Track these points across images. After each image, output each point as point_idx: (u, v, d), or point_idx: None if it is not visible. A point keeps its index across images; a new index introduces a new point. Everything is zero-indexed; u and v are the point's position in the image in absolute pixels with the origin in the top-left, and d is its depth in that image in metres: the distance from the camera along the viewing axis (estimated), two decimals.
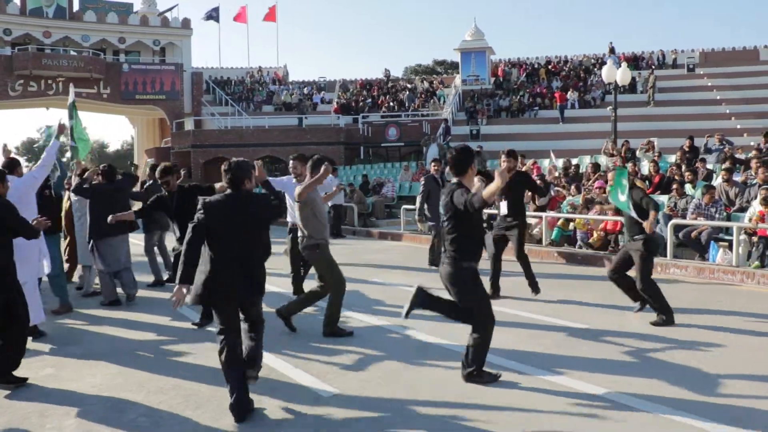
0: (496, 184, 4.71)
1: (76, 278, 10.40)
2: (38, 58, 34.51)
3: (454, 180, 5.32)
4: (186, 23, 39.75)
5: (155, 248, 10.79)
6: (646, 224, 6.90)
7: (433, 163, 12.07)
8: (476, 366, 5.18)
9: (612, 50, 36.56)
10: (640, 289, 7.14)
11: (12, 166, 7.35)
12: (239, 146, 31.94)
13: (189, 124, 36.81)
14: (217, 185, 7.50)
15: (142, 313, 8.28)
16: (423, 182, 11.58)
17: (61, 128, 8.35)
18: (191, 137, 33.73)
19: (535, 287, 8.55)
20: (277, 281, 9.74)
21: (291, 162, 7.84)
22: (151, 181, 11.19)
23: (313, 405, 4.83)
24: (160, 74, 37.45)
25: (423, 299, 5.30)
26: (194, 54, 60.50)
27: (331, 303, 6.85)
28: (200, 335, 7.07)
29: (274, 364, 5.89)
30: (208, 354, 6.25)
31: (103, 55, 37.13)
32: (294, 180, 7.83)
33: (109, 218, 7.68)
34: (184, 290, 4.47)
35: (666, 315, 6.99)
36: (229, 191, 4.77)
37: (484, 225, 7.42)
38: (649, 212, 6.97)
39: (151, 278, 10.42)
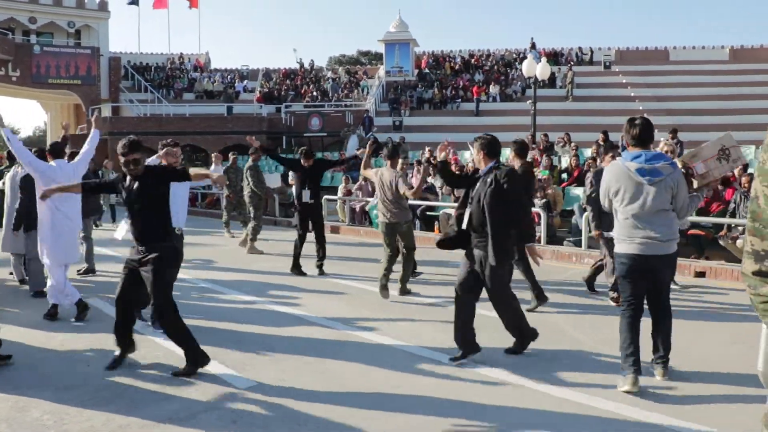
0: None
1: None
2: None
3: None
4: (103, 5, 38.39)
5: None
6: None
7: (609, 155, 7.51)
8: None
9: (533, 45, 37.36)
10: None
11: None
12: (159, 134, 30.97)
13: (106, 111, 35.54)
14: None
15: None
16: (590, 179, 7.82)
17: None
18: (108, 124, 32.60)
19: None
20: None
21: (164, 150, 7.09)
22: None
23: (230, 396, 4.76)
24: (75, 57, 36.03)
25: None
26: (112, 38, 58.53)
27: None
28: (110, 330, 6.83)
29: None
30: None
31: (11, 34, 35.41)
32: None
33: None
34: None
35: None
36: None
37: None
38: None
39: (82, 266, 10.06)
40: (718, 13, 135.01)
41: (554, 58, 37.16)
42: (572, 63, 37.04)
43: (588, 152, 17.25)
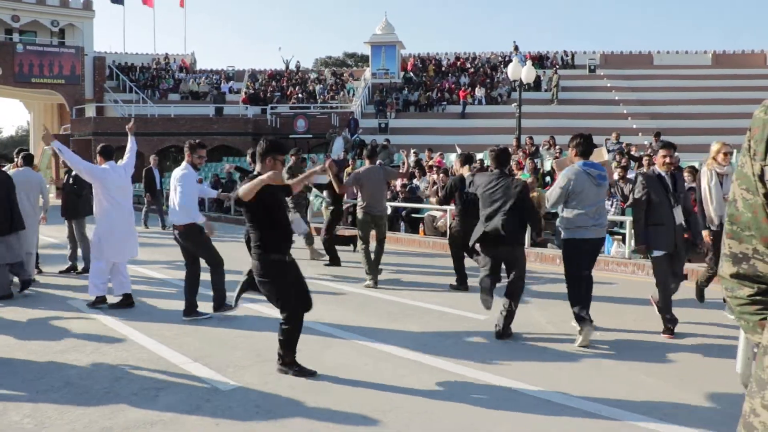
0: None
1: None
2: None
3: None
4: (87, 4, 38.15)
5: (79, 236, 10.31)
6: None
7: (662, 152, 6.66)
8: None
9: (516, 48, 37.52)
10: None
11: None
12: (144, 135, 30.82)
13: (90, 111, 35.31)
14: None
15: (34, 307, 7.91)
16: (641, 182, 6.58)
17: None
18: (92, 124, 32.41)
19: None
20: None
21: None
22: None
23: (212, 398, 4.75)
24: (59, 57, 35.75)
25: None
26: (97, 37, 58.09)
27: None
28: (96, 331, 6.80)
29: (172, 358, 5.74)
30: (102, 350, 6.04)
31: None
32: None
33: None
34: None
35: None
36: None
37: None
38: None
39: (65, 265, 10.41)
40: (701, 19, 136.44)
41: (539, 61, 37.34)
42: (557, 66, 37.24)
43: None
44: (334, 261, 10.97)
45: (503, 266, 6.62)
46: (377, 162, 10.09)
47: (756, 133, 1.48)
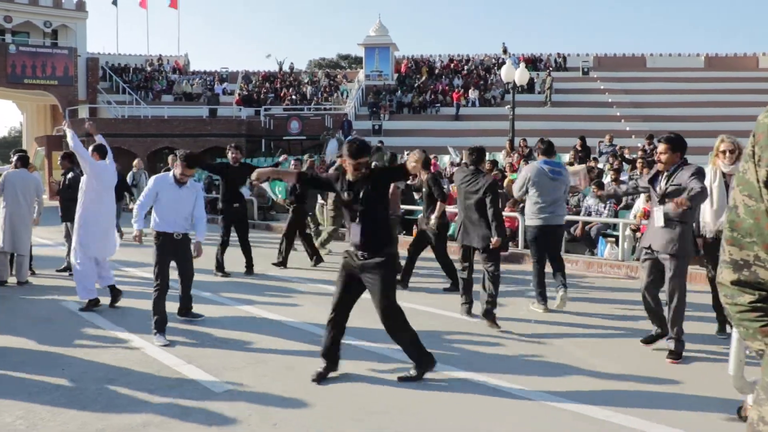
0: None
1: None
2: None
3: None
4: (81, 5, 37.94)
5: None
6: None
7: (659, 147, 5.95)
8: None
9: (505, 50, 37.56)
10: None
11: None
12: (137, 136, 30.84)
13: (83, 112, 35.07)
14: None
15: (27, 308, 7.87)
16: (634, 185, 6.65)
17: None
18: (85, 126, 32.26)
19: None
20: None
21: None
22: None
23: (204, 401, 4.73)
24: (52, 58, 35.54)
25: None
26: (90, 38, 57.86)
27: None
28: (89, 333, 6.77)
29: (166, 360, 5.72)
30: (96, 351, 6.01)
31: None
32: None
33: None
34: None
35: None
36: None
37: None
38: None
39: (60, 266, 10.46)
40: (693, 22, 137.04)
41: (533, 63, 37.38)
42: (551, 69, 37.30)
43: (566, 157, 17.36)
44: (283, 262, 10.92)
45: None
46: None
47: (761, 139, 1.47)
